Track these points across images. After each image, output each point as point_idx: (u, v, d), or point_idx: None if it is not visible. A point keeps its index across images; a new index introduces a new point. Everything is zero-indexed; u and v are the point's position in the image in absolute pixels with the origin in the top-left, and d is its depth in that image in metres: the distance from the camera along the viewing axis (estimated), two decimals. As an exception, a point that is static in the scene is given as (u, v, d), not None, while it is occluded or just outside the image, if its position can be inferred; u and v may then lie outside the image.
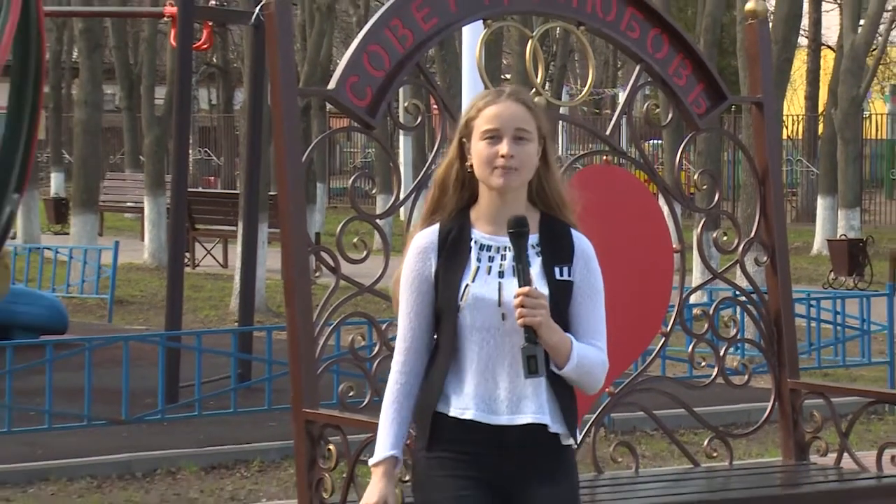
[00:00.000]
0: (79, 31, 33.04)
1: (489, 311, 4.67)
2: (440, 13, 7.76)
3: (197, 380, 13.54)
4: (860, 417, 8.71)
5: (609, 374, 8.03)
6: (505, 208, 4.71)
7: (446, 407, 4.70)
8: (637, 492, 7.97)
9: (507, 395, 4.66)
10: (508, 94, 4.80)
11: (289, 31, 7.97)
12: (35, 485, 11.69)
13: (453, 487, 4.63)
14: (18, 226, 28.69)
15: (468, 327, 4.70)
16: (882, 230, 35.03)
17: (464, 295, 4.68)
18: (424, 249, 4.80)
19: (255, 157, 16.17)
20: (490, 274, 4.71)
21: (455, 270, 4.73)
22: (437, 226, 4.83)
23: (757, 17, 8.82)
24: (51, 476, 11.85)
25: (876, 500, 8.09)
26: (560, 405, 4.71)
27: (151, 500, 11.36)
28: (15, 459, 12.01)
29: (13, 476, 11.77)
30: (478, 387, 4.68)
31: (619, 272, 8.06)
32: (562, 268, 4.76)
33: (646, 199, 8.38)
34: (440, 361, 4.76)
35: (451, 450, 4.67)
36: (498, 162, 4.64)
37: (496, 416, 4.65)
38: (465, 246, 4.76)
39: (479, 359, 4.70)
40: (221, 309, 21.72)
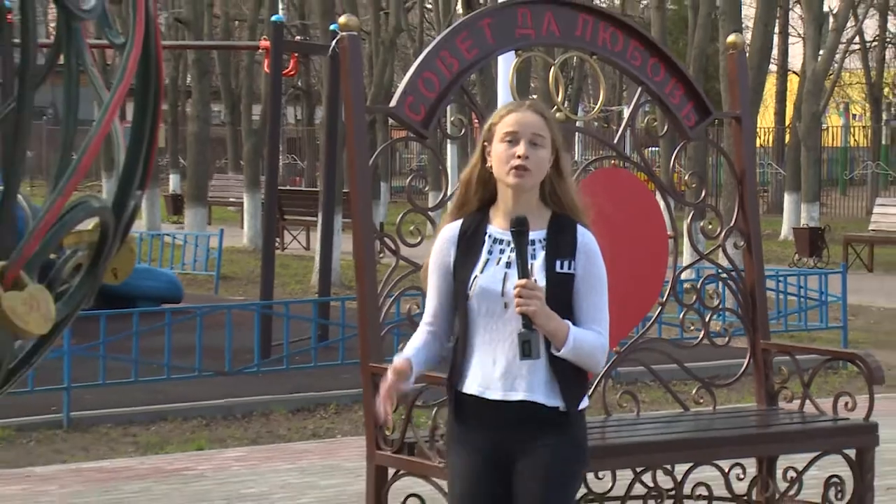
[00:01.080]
0: (191, 60, 33.30)
1: (493, 300, 4.50)
2: (480, 45, 7.76)
3: (285, 340, 13.59)
4: (819, 371, 8.66)
5: (615, 336, 8.06)
6: (518, 206, 4.53)
7: (462, 384, 4.58)
8: (638, 431, 7.97)
9: (502, 375, 4.49)
10: (528, 105, 4.68)
11: (358, 60, 7.97)
12: (156, 424, 11.74)
13: (464, 457, 4.55)
14: (142, 216, 28.75)
15: (475, 313, 4.54)
16: (837, 220, 34.83)
17: (472, 285, 4.52)
18: (446, 241, 4.68)
19: (331, 161, 16.19)
20: (499, 264, 4.54)
21: (468, 262, 4.58)
22: (460, 221, 4.68)
23: (736, 49, 8.82)
24: (168, 417, 11.92)
25: (832, 438, 8.07)
26: (561, 383, 4.49)
27: (249, 436, 11.39)
28: (140, 404, 12.09)
29: (139, 416, 11.87)
30: (482, 367, 4.53)
31: (623, 254, 8.08)
32: (563, 261, 4.56)
33: (646, 195, 8.36)
34: (458, 344, 4.63)
35: (465, 421, 4.58)
36: (514, 162, 4.46)
37: (492, 392, 4.49)
38: (480, 239, 4.60)
39: (484, 342, 4.54)
40: (305, 283, 21.73)
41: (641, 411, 8.32)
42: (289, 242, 29.70)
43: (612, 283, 8.00)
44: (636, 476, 7.76)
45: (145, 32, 2.66)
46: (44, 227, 2.52)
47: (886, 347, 15.81)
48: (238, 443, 11.06)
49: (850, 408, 8.11)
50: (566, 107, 8.19)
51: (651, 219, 8.28)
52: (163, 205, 36.74)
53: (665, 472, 7.83)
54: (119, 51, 2.67)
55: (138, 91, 2.75)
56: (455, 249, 4.63)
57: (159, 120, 2.81)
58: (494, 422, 4.51)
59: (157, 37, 2.71)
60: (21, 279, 2.47)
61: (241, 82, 37.67)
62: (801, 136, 34.13)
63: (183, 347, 12.87)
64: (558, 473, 4.50)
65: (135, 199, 2.74)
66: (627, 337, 8.14)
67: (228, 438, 11.28)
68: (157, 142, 2.81)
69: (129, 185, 2.73)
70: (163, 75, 2.77)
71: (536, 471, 4.46)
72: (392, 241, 7.21)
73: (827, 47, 35.16)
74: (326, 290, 15.94)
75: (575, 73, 40.83)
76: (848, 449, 8.00)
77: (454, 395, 4.61)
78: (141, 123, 2.76)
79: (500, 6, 8.17)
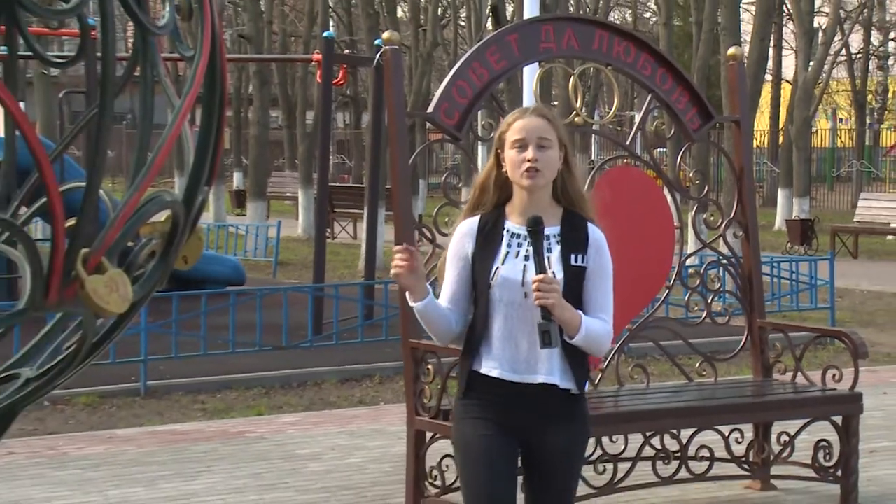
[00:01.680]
0: (252, 72, 33.33)
1: (514, 289, 4.40)
2: (507, 57, 7.75)
3: (335, 318, 13.60)
4: (809, 347, 8.65)
5: (627, 315, 8.06)
6: (532, 204, 4.44)
7: (479, 365, 4.46)
8: (648, 400, 7.97)
9: (525, 359, 4.41)
10: (532, 110, 4.57)
11: (400, 71, 7.97)
12: (222, 392, 11.78)
13: (480, 427, 4.46)
14: (209, 209, 28.81)
15: (497, 302, 4.43)
16: (825, 213, 34.67)
17: (494, 275, 4.42)
18: (464, 235, 4.55)
19: (376, 160, 16.18)
20: (518, 257, 4.43)
21: (489, 255, 4.47)
22: (478, 217, 4.57)
23: (735, 60, 8.78)
24: (232, 386, 11.96)
25: (821, 406, 8.04)
26: (572, 367, 4.43)
27: (303, 403, 11.41)
28: (207, 374, 12.12)
29: (206, 385, 11.90)
30: (504, 351, 4.43)
31: (634, 243, 8.06)
32: (577, 255, 4.46)
33: (654, 190, 8.34)
34: (477, 329, 4.49)
35: (480, 399, 4.49)
36: (525, 165, 4.37)
37: (517, 375, 4.41)
38: (499, 234, 4.48)
39: (505, 328, 4.43)
40: (352, 268, 21.75)
41: (651, 382, 8.31)
42: (338, 232, 29.75)
43: (624, 269, 7.98)
44: (646, 440, 7.75)
45: (212, 46, 2.66)
46: (122, 219, 2.52)
47: (870, 326, 15.77)
48: (293, 409, 11.08)
49: (838, 379, 8.10)
50: (584, 112, 8.18)
51: (659, 211, 8.26)
52: (227, 199, 36.87)
53: (672, 437, 7.82)
54: (188, 62, 2.67)
55: (205, 98, 2.75)
56: (473, 243, 4.52)
57: (224, 124, 2.81)
58: (515, 401, 4.43)
59: (222, 50, 2.71)
60: (103, 264, 2.48)
61: (296, 91, 37.63)
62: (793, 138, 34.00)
63: (245, 325, 12.91)
64: (572, 448, 4.49)
65: (202, 193, 2.74)
66: (638, 316, 8.13)
67: (285, 405, 11.31)
68: (222, 143, 2.81)
69: (197, 182, 2.73)
70: (227, 84, 2.77)
71: (556, 445, 4.44)
72: (429, 231, 7.22)
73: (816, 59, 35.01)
74: (371, 274, 15.95)
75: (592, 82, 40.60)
76: (835, 416, 7.98)
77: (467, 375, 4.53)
78: (208, 127, 2.76)
79: (525, 23, 8.16)
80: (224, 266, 18.35)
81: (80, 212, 2.47)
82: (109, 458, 9.08)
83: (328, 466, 8.80)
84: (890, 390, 11.54)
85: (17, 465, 8.78)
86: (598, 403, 7.69)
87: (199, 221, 2.78)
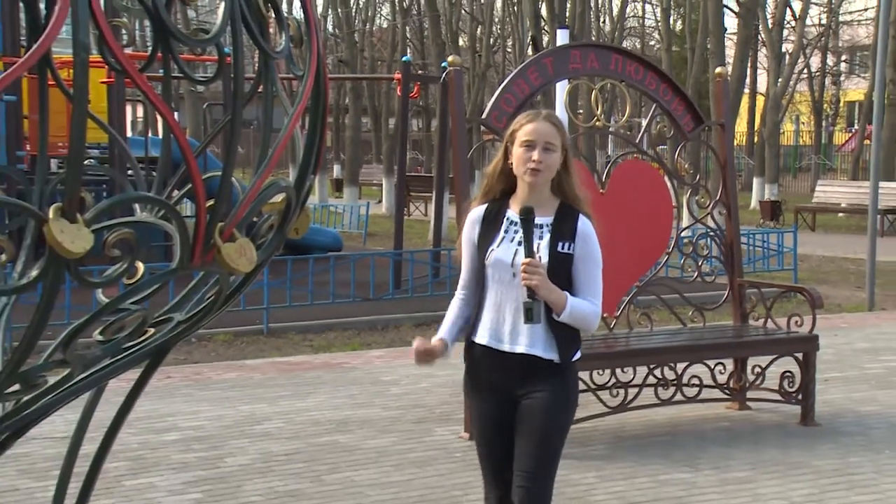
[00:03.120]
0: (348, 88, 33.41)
1: (504, 269, 4.01)
2: (544, 75, 7.71)
3: (410, 276, 13.65)
4: (777, 300, 8.57)
5: (635, 275, 8.03)
6: (532, 197, 4.04)
7: (475, 335, 4.11)
8: (651, 340, 7.93)
9: (509, 331, 4.02)
10: (544, 116, 4.12)
11: (460, 87, 7.96)
12: (324, 332, 11.82)
13: (475, 397, 4.16)
14: (315, 192, 28.93)
15: (490, 279, 4.06)
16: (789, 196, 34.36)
17: (489, 256, 4.05)
18: (473, 221, 4.18)
19: (442, 155, 16.18)
20: (511, 242, 4.03)
21: (488, 238, 4.09)
22: (485, 206, 4.17)
23: (721, 77, 8.72)
24: (333, 328, 11.99)
25: (786, 345, 7.99)
26: (557, 340, 3.99)
27: (386, 341, 11.44)
28: (314, 319, 12.16)
29: (313, 327, 11.96)
30: (492, 322, 4.06)
31: (641, 219, 8.03)
32: (564, 243, 4.02)
33: (657, 179, 8.28)
34: (478, 304, 4.15)
35: (476, 367, 4.14)
36: (530, 164, 3.98)
37: (500, 344, 4.03)
38: (500, 221, 4.09)
39: (495, 303, 4.05)
40: (424, 238, 21.71)
41: (653, 327, 8.28)
42: (413, 211, 29.77)
43: (632, 240, 7.98)
44: (649, 371, 7.73)
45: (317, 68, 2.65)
46: (249, 200, 2.53)
47: (824, 283, 15.63)
48: (379, 346, 11.10)
49: (799, 325, 8.05)
50: (602, 117, 8.13)
51: (661, 194, 8.22)
52: (329, 185, 36.94)
53: (669, 368, 7.79)
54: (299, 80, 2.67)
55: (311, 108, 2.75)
56: (479, 227, 4.15)
57: (325, 128, 2.81)
58: (500, 368, 4.05)
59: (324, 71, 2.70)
60: (234, 234, 2.49)
61: (381, 102, 37.69)
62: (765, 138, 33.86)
63: (342, 281, 12.96)
64: (552, 407, 4.01)
65: (309, 180, 2.75)
66: (644, 276, 8.09)
67: (372, 343, 11.34)
68: (324, 142, 2.81)
69: (305, 172, 2.74)
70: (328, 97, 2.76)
71: (534, 408, 4.00)
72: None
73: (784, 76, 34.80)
74: (438, 243, 15.96)
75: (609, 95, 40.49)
76: (797, 353, 7.94)
77: (469, 346, 4.18)
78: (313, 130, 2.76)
79: (557, 49, 8.11)
80: (326, 236, 18.44)
81: (217, 194, 2.48)
82: (240, 381, 9.16)
83: (405, 390, 8.84)
84: (840, 333, 11.46)
85: (172, 387, 8.87)
86: (613, 343, 7.68)
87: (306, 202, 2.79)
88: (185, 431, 7.56)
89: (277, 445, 7.23)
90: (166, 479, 6.51)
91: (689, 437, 7.51)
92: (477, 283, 4.18)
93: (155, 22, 2.33)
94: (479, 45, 38.20)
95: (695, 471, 6.73)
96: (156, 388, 8.50)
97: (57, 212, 2.17)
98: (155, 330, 2.69)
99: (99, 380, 2.63)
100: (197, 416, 7.98)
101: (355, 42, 36.64)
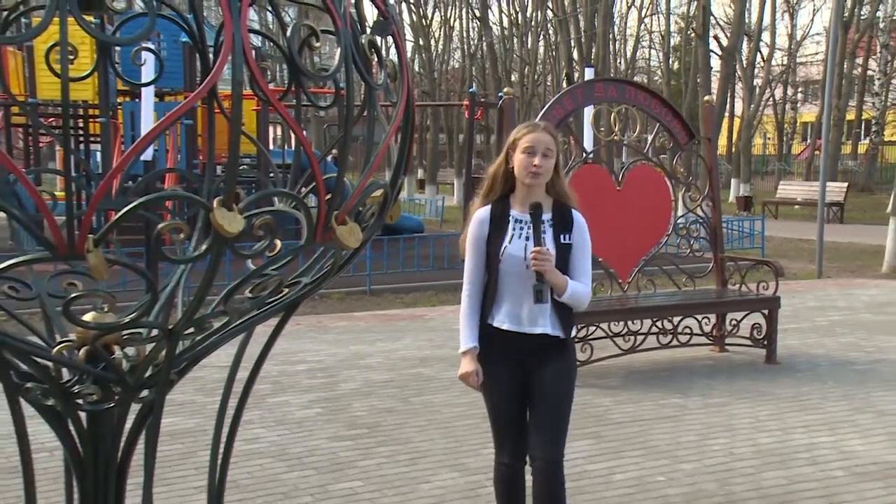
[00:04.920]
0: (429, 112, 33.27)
1: (518, 263, 3.54)
2: (575, 102, 7.65)
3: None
4: (749, 270, 8.45)
5: (643, 251, 7.95)
6: (531, 197, 3.59)
7: (492, 320, 3.59)
8: (654, 299, 7.85)
9: (527, 315, 3.56)
10: (542, 127, 3.67)
11: (513, 112, 7.92)
12: (412, 293, 11.84)
13: (494, 364, 3.59)
14: (404, 188, 29.01)
15: (505, 272, 3.57)
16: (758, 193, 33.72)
17: (503, 253, 3.56)
18: (481, 220, 3.65)
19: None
20: (520, 238, 3.56)
21: (499, 237, 3.59)
22: (490, 206, 3.66)
23: (708, 104, 8.61)
24: (417, 289, 12.01)
25: (755, 304, 7.88)
26: (560, 320, 3.58)
27: (455, 299, 11.38)
28: (403, 282, 12.19)
29: (402, 289, 11.96)
30: (511, 310, 3.58)
31: (648, 210, 7.93)
32: (564, 235, 3.58)
33: (660, 179, 8.18)
34: (489, 293, 3.61)
35: (494, 346, 3.60)
36: (531, 169, 3.54)
37: (520, 327, 3.57)
38: (506, 220, 3.61)
39: (511, 292, 3.57)
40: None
41: (656, 290, 8.20)
42: (477, 204, 29.69)
43: (642, 225, 7.88)
44: (653, 322, 7.67)
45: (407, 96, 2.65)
46: (356, 194, 2.54)
47: (784, 258, 15.40)
48: (452, 303, 11.07)
49: (766, 289, 7.94)
50: (619, 133, 8.04)
51: (662, 191, 8.12)
52: (414, 184, 36.95)
53: (668, 321, 7.72)
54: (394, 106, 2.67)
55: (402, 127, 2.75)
56: (488, 227, 3.63)
57: (412, 141, 2.81)
58: (521, 346, 3.59)
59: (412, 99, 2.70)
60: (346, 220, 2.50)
61: (453, 122, 37.65)
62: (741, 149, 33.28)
63: (423, 255, 12.98)
64: (561, 381, 3.60)
65: (400, 180, 2.75)
66: (649, 252, 8.00)
67: (446, 301, 11.35)
68: (411, 152, 2.81)
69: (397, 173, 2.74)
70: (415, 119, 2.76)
71: (550, 374, 3.57)
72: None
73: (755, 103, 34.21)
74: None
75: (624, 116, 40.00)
76: (764, 310, 7.83)
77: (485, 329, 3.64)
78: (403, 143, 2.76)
79: (585, 83, 8.02)
80: (412, 222, 18.46)
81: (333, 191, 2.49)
82: (350, 328, 9.23)
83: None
84: (796, 295, 11.30)
85: (300, 331, 8.97)
86: (626, 301, 7.62)
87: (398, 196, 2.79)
88: (310, 364, 7.64)
89: (377, 375, 7.28)
90: (297, 397, 6.59)
91: (682, 373, 7.45)
92: (482, 274, 3.67)
93: (290, 65, 2.35)
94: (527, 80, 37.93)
95: (685, 397, 6.68)
96: (289, 332, 8.61)
97: (219, 203, 2.20)
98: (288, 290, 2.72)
99: (249, 325, 2.66)
100: (318, 353, 8.07)
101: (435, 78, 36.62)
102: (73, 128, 15.94)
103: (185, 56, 14.06)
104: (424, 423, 5.98)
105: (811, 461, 5.28)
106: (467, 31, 39.95)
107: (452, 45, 42.74)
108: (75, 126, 15.97)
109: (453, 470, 5.09)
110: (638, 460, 5.27)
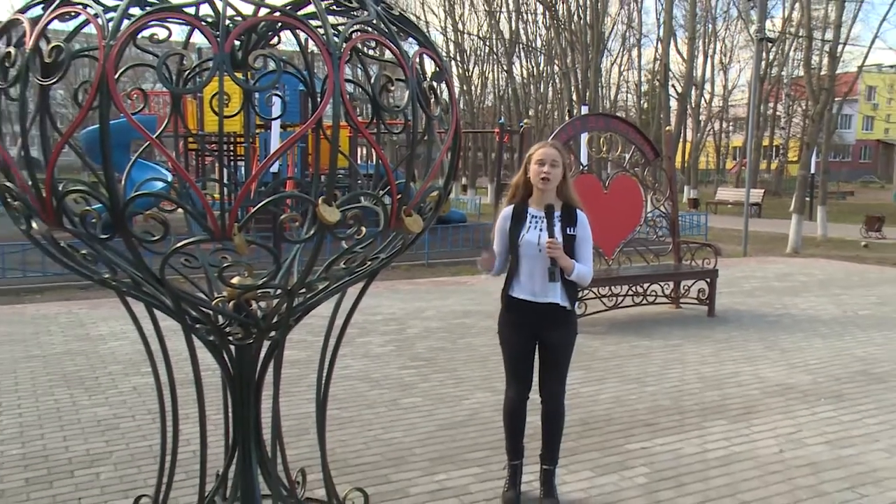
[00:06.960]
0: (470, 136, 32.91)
1: (532, 248, 3.31)
2: (575, 130, 7.50)
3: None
4: (697, 250, 8.28)
5: (621, 236, 7.79)
6: (544, 199, 3.34)
7: (513, 291, 3.38)
8: (630, 270, 7.70)
9: (540, 289, 3.31)
10: (550, 144, 3.39)
11: (530, 136, 7.83)
12: (456, 266, 11.71)
13: (511, 327, 3.39)
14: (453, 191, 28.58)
15: (522, 255, 3.33)
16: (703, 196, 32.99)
17: (521, 240, 3.33)
18: (505, 217, 3.42)
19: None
20: (535, 229, 3.33)
21: (518, 228, 3.36)
22: (513, 206, 3.43)
23: (669, 132, 8.41)
24: (461, 263, 11.87)
25: (701, 274, 7.72)
26: (567, 293, 3.32)
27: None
28: (451, 257, 12.06)
29: (450, 263, 11.79)
30: (526, 283, 3.34)
31: (625, 208, 7.77)
32: (570, 227, 3.31)
33: (634, 186, 8.01)
34: (511, 270, 3.40)
35: (512, 312, 3.39)
36: (541, 175, 3.30)
37: (535, 297, 3.32)
38: (525, 216, 3.37)
39: (528, 271, 3.33)
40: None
41: (632, 264, 8.05)
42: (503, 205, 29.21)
43: (621, 218, 7.73)
44: (629, 287, 7.52)
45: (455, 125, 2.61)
46: (419, 194, 2.51)
47: (721, 241, 15.06)
48: (485, 272, 11.02)
49: (708, 264, 7.75)
50: (605, 152, 7.89)
51: (636, 194, 7.94)
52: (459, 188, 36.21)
53: (640, 286, 7.58)
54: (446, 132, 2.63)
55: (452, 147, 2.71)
56: (510, 222, 3.40)
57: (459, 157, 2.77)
58: (534, 314, 3.33)
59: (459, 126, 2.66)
60: (412, 213, 2.47)
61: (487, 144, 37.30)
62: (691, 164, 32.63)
63: (466, 238, 12.90)
64: (565, 343, 3.38)
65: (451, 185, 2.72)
66: (626, 238, 7.85)
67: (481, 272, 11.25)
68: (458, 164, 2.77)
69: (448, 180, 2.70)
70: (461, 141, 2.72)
71: (557, 339, 3.35)
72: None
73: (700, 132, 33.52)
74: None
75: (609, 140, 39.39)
76: (707, 278, 7.66)
77: (507, 298, 3.43)
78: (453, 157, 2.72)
79: (582, 116, 7.86)
80: (458, 215, 18.11)
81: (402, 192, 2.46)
82: (412, 290, 9.22)
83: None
84: (729, 268, 11.03)
85: (379, 292, 8.98)
86: (609, 272, 7.50)
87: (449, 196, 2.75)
88: (385, 315, 7.66)
89: (433, 323, 7.27)
90: (376, 339, 6.61)
91: (649, 323, 7.33)
92: (504, 252, 3.44)
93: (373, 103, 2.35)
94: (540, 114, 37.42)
95: (651, 340, 6.58)
96: (371, 293, 8.62)
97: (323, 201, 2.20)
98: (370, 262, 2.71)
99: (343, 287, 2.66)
100: (391, 307, 8.08)
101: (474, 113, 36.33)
102: (227, 151, 16.22)
103: (301, 99, 14.29)
104: (466, 357, 5.95)
105: (737, 384, 5.27)
106: (498, 80, 39.57)
107: (487, 90, 42.42)
108: (228, 149, 16.25)
109: (486, 391, 5.08)
110: (616, 384, 5.23)
